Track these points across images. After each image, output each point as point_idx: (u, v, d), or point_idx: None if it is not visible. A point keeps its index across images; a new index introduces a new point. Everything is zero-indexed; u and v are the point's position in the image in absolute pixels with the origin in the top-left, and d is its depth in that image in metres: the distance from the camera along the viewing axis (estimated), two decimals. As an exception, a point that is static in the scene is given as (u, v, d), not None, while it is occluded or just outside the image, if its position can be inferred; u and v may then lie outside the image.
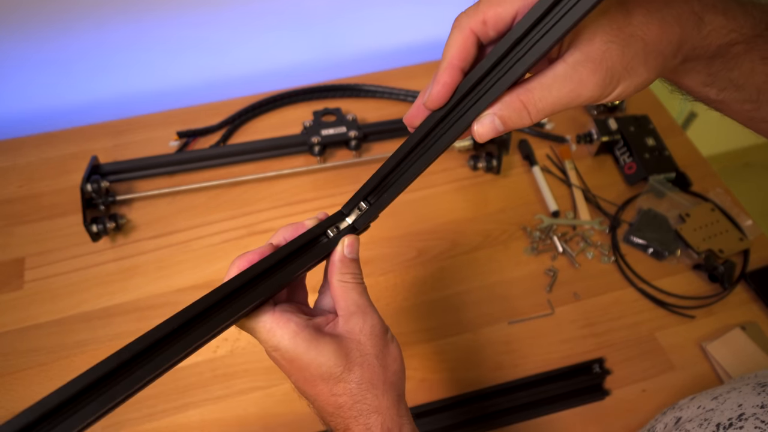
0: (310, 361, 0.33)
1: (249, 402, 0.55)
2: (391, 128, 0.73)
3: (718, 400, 0.43)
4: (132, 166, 0.68)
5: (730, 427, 0.38)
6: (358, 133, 0.71)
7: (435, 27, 0.89)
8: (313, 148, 0.70)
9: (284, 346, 0.33)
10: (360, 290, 0.36)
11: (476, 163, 0.71)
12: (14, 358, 0.57)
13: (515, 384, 0.56)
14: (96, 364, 0.29)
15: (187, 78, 0.82)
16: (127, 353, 0.31)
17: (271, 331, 0.34)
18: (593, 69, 0.27)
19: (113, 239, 0.65)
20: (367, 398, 0.34)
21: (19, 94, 0.77)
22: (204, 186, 0.69)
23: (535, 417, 0.54)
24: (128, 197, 0.67)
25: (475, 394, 0.55)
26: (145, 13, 0.72)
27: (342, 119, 0.72)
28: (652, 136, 0.73)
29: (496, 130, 0.30)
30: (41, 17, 0.68)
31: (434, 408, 0.54)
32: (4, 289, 0.61)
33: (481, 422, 0.53)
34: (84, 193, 0.62)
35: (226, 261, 0.64)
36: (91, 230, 0.62)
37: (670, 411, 0.49)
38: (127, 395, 0.30)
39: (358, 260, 0.37)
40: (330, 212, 0.39)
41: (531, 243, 0.66)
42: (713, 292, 0.62)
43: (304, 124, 0.71)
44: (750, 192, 1.35)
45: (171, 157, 0.69)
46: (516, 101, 0.29)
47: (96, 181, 0.63)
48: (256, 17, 0.78)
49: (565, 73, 0.28)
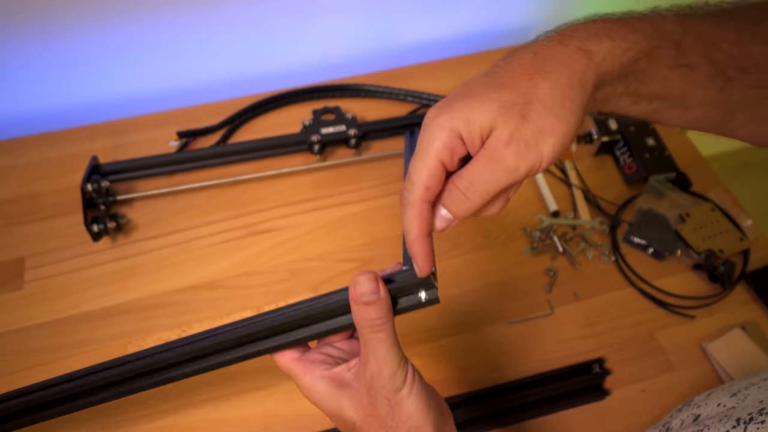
0: (329, 411, 0.35)
1: (249, 402, 0.55)
2: (391, 126, 0.73)
3: (737, 396, 0.42)
4: (132, 166, 0.68)
5: (751, 421, 0.38)
6: (357, 131, 0.71)
7: (435, 27, 0.89)
8: (312, 147, 0.70)
9: (306, 394, 0.36)
10: (378, 340, 0.33)
11: None
12: (14, 358, 0.57)
13: (515, 384, 0.56)
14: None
15: (187, 78, 0.82)
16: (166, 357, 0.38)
17: (296, 378, 0.36)
18: (505, 144, 0.30)
19: (114, 239, 0.65)
20: None
21: (20, 94, 0.77)
22: (204, 185, 0.69)
23: (535, 417, 0.54)
24: (128, 197, 0.67)
25: (474, 394, 0.55)
26: (146, 14, 0.72)
27: (341, 117, 0.72)
28: (652, 136, 0.73)
29: (447, 220, 0.33)
30: (42, 18, 0.68)
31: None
32: (4, 289, 0.61)
33: (481, 422, 0.53)
34: (84, 193, 0.62)
35: (226, 261, 0.64)
36: (92, 230, 0.62)
37: (686, 408, 0.48)
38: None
39: (379, 303, 0.32)
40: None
41: (531, 243, 0.66)
42: (713, 292, 0.62)
43: (304, 122, 0.71)
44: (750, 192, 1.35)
45: (171, 157, 0.69)
46: (454, 189, 0.32)
47: (96, 181, 0.63)
48: (256, 18, 0.78)
49: (486, 155, 0.31)
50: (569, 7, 0.93)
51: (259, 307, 0.61)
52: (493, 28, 0.92)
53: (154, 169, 0.69)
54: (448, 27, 0.90)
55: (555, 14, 0.93)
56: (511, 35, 0.94)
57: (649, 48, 0.32)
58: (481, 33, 0.92)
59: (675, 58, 0.33)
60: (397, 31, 0.87)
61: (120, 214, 0.65)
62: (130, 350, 0.57)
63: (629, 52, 0.32)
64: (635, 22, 0.33)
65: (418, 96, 0.79)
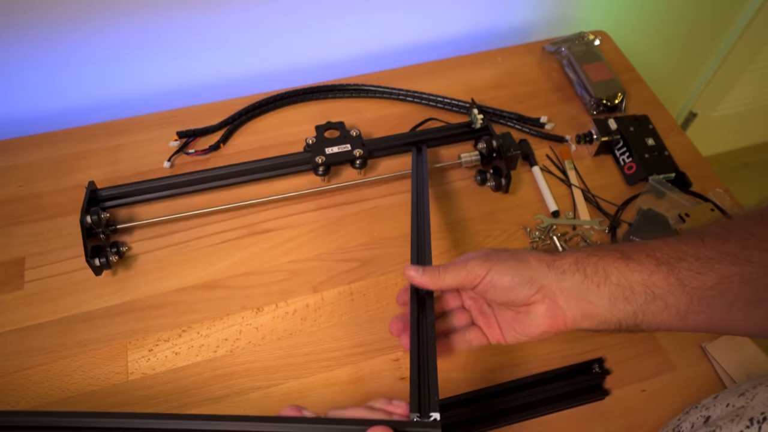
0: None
1: (249, 402, 0.55)
2: (397, 144, 0.71)
3: (745, 396, 0.42)
4: (131, 191, 0.66)
5: (765, 421, 0.38)
6: (363, 151, 0.69)
7: (435, 27, 0.89)
8: (317, 169, 0.68)
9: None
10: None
11: (483, 178, 0.70)
12: (14, 358, 0.57)
13: (515, 384, 0.56)
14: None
15: (187, 78, 0.82)
16: None
17: None
18: (479, 263, 0.43)
19: (114, 273, 0.63)
20: None
21: (20, 94, 0.77)
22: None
23: (534, 417, 0.54)
24: (129, 225, 0.65)
25: (474, 394, 0.55)
26: (146, 16, 0.72)
27: (346, 135, 0.70)
28: (652, 136, 0.73)
29: (417, 278, 0.45)
30: (43, 19, 0.68)
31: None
32: (4, 289, 0.61)
33: (481, 422, 0.53)
34: (84, 225, 0.60)
35: (226, 261, 0.64)
36: (93, 264, 0.60)
37: (694, 410, 0.48)
38: None
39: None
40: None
41: (531, 243, 0.66)
42: (713, 292, 0.62)
43: (307, 141, 0.69)
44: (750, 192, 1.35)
45: (171, 180, 0.67)
46: (435, 269, 0.45)
47: (96, 213, 0.61)
48: (256, 18, 0.78)
49: (462, 260, 0.45)
50: (569, 7, 0.93)
51: (260, 307, 0.61)
52: (492, 28, 0.92)
53: (154, 194, 0.67)
54: (448, 27, 0.90)
55: (554, 14, 0.93)
56: (510, 35, 0.94)
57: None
58: (480, 33, 0.92)
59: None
60: (396, 31, 0.87)
61: (121, 242, 0.64)
62: (130, 350, 0.57)
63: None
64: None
65: (418, 96, 0.79)
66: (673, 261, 0.40)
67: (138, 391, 0.55)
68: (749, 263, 0.38)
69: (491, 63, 0.85)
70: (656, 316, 0.40)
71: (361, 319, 0.60)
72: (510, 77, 0.83)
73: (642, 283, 0.40)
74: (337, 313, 0.60)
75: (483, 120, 0.71)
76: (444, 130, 0.73)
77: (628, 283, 0.40)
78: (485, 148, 0.70)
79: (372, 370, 0.57)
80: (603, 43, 0.85)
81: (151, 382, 0.56)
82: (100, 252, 0.61)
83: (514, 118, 0.77)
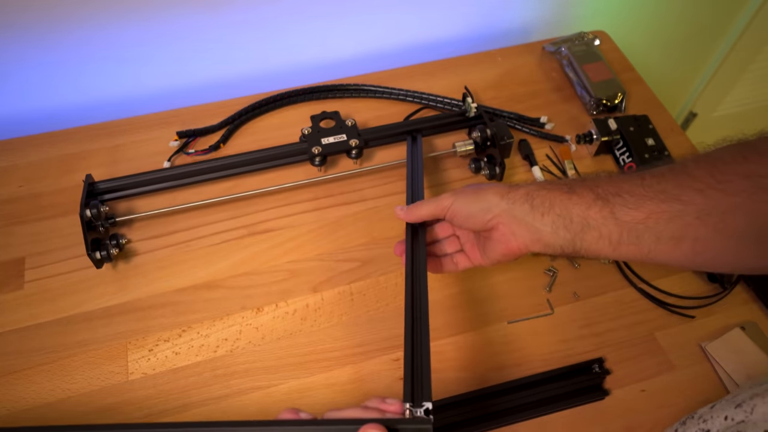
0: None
1: (249, 402, 0.55)
2: (392, 133, 0.72)
3: (743, 408, 0.43)
4: (129, 183, 0.66)
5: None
6: (358, 141, 0.69)
7: (435, 27, 0.89)
8: (314, 159, 0.68)
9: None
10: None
11: (477, 167, 0.71)
12: (14, 358, 0.57)
13: (515, 384, 0.56)
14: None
15: (187, 78, 0.82)
16: None
17: None
18: (446, 197, 0.52)
19: (115, 266, 0.64)
20: None
21: (20, 94, 0.77)
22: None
23: (534, 417, 0.54)
24: (128, 218, 0.66)
25: (474, 394, 0.55)
26: (147, 16, 0.72)
27: (341, 125, 0.70)
28: (651, 136, 0.73)
29: (401, 214, 0.54)
30: (42, 18, 0.68)
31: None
32: (4, 289, 0.61)
33: (481, 422, 0.53)
34: (83, 218, 0.60)
35: (226, 261, 0.64)
36: (95, 257, 0.60)
37: (690, 421, 0.48)
38: None
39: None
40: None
41: (531, 243, 0.66)
42: (713, 292, 0.62)
43: (303, 131, 0.70)
44: (750, 192, 1.34)
45: (169, 172, 0.67)
46: (413, 204, 0.54)
47: (95, 207, 0.61)
48: (257, 19, 0.78)
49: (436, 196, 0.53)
50: (569, 7, 0.93)
51: (260, 307, 0.61)
52: (492, 28, 0.92)
53: (152, 186, 0.67)
54: (448, 27, 0.90)
55: (554, 14, 0.93)
56: (510, 35, 0.94)
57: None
58: (480, 33, 0.92)
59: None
60: (396, 31, 0.87)
61: (120, 234, 0.64)
62: (130, 350, 0.57)
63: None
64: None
65: (418, 96, 0.79)
66: (610, 196, 0.44)
67: (138, 391, 0.55)
68: (678, 201, 0.41)
69: (491, 63, 0.85)
70: (591, 244, 0.45)
71: (361, 319, 0.60)
72: (510, 77, 0.83)
73: (580, 215, 0.45)
74: (337, 313, 0.60)
75: (477, 108, 0.71)
76: (438, 118, 0.73)
77: (568, 214, 0.45)
78: (479, 136, 0.70)
79: (372, 370, 0.57)
80: (603, 43, 0.85)
81: (151, 382, 0.56)
82: (101, 245, 0.61)
83: (514, 118, 0.78)
